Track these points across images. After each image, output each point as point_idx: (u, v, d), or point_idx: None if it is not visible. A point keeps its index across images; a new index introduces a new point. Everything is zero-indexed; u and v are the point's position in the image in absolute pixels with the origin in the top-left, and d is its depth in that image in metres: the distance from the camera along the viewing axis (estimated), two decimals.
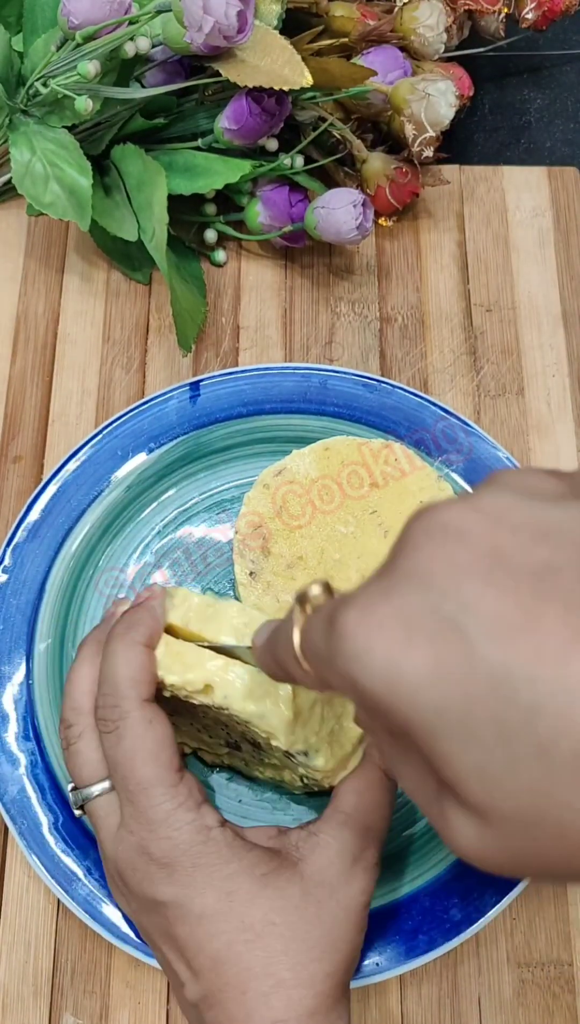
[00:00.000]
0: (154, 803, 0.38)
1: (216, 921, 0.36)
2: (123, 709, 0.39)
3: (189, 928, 0.37)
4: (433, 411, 0.54)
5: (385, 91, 0.58)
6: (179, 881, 0.37)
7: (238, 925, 0.36)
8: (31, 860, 0.45)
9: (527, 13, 0.62)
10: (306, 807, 0.47)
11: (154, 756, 0.38)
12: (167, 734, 0.39)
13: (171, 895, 0.37)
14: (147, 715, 0.39)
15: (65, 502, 0.52)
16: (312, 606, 0.31)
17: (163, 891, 0.37)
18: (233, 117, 0.55)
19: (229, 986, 0.36)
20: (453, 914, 0.45)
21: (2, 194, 0.62)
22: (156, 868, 0.37)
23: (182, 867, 0.37)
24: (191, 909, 0.37)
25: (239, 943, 0.36)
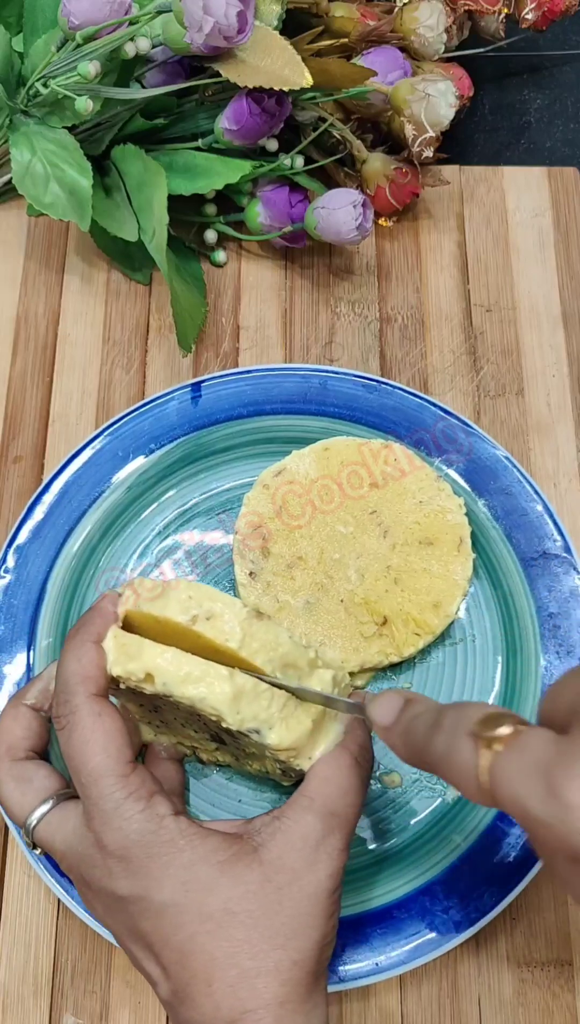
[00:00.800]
0: (104, 793, 0.38)
1: (177, 912, 0.36)
2: (73, 704, 0.39)
3: (153, 922, 0.37)
4: (433, 411, 0.54)
5: (385, 91, 0.58)
6: (136, 873, 0.37)
7: (198, 915, 0.36)
8: (32, 861, 0.45)
9: (527, 13, 0.62)
10: None
11: (103, 747, 0.38)
12: (116, 726, 0.39)
13: (130, 888, 0.37)
14: (96, 708, 0.39)
15: (66, 503, 0.52)
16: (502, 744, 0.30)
17: (121, 885, 0.37)
18: (233, 117, 0.55)
19: (196, 979, 0.35)
20: (453, 914, 0.45)
21: (2, 194, 0.62)
22: (113, 862, 0.37)
23: (137, 858, 0.37)
24: (151, 901, 0.37)
25: (202, 934, 0.36)
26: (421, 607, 0.50)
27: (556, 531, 0.52)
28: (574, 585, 0.51)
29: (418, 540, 0.51)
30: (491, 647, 0.51)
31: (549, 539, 0.51)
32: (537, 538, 0.52)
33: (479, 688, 0.50)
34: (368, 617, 0.50)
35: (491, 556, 0.52)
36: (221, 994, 0.35)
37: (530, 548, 0.51)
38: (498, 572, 0.52)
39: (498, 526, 0.52)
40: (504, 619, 0.51)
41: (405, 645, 0.49)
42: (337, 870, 0.38)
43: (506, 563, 0.51)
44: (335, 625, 0.49)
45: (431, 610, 0.50)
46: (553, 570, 0.51)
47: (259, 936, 0.36)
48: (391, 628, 0.49)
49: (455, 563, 0.51)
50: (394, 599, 0.50)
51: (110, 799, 0.38)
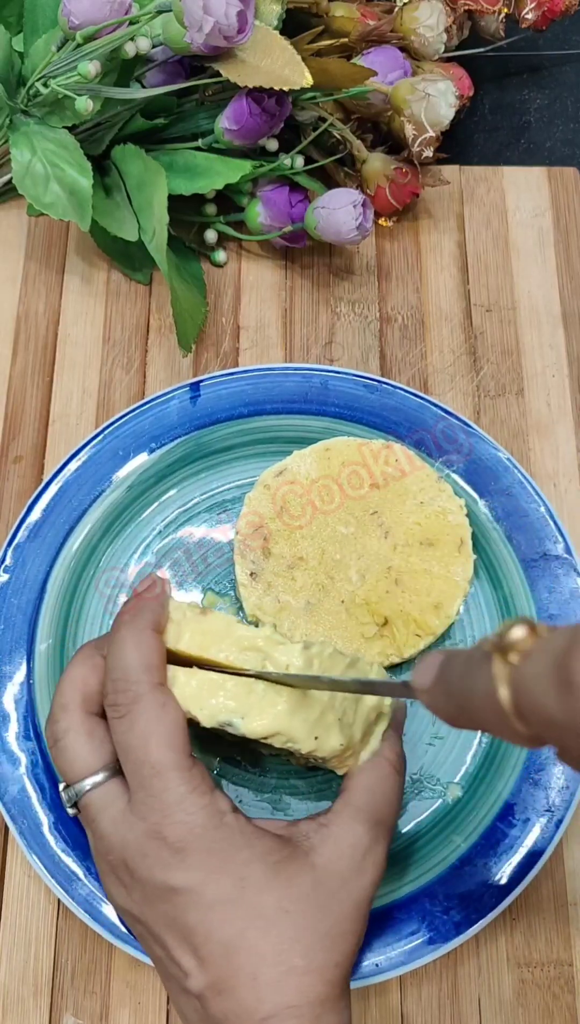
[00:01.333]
0: (169, 786, 0.37)
1: (229, 907, 0.36)
2: (136, 692, 0.39)
3: (200, 915, 0.37)
4: (433, 411, 0.54)
5: (385, 91, 0.58)
6: (193, 866, 0.37)
7: (251, 912, 0.36)
8: (31, 860, 0.45)
9: (527, 13, 0.62)
10: (306, 806, 0.48)
11: (168, 740, 0.38)
12: (180, 719, 0.39)
13: (185, 880, 0.37)
14: (160, 699, 0.39)
15: (66, 502, 0.52)
16: (518, 653, 0.27)
17: (177, 876, 0.37)
18: (233, 117, 0.55)
19: (241, 972, 0.36)
20: (453, 915, 0.45)
21: (2, 194, 0.62)
22: (169, 853, 0.37)
23: (196, 851, 0.37)
24: (204, 895, 0.37)
25: (252, 929, 0.36)
26: (422, 608, 0.50)
27: (557, 532, 0.52)
28: (575, 586, 0.51)
29: (419, 541, 0.51)
30: None
31: (550, 540, 0.52)
32: (538, 539, 0.52)
33: None
34: (369, 618, 0.50)
35: (492, 557, 0.52)
36: (266, 988, 0.36)
37: (531, 549, 0.51)
38: (499, 573, 0.52)
39: (499, 527, 0.52)
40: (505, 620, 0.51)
41: (406, 646, 0.49)
42: (378, 878, 0.39)
43: (507, 564, 0.51)
44: (336, 626, 0.49)
45: (432, 611, 0.50)
46: (554, 571, 0.51)
47: (309, 937, 0.36)
48: (392, 629, 0.49)
49: (456, 564, 0.51)
50: (395, 600, 0.50)
51: (174, 792, 0.37)
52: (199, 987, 0.36)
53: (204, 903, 0.37)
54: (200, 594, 0.52)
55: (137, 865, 0.38)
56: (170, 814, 0.37)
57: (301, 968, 0.36)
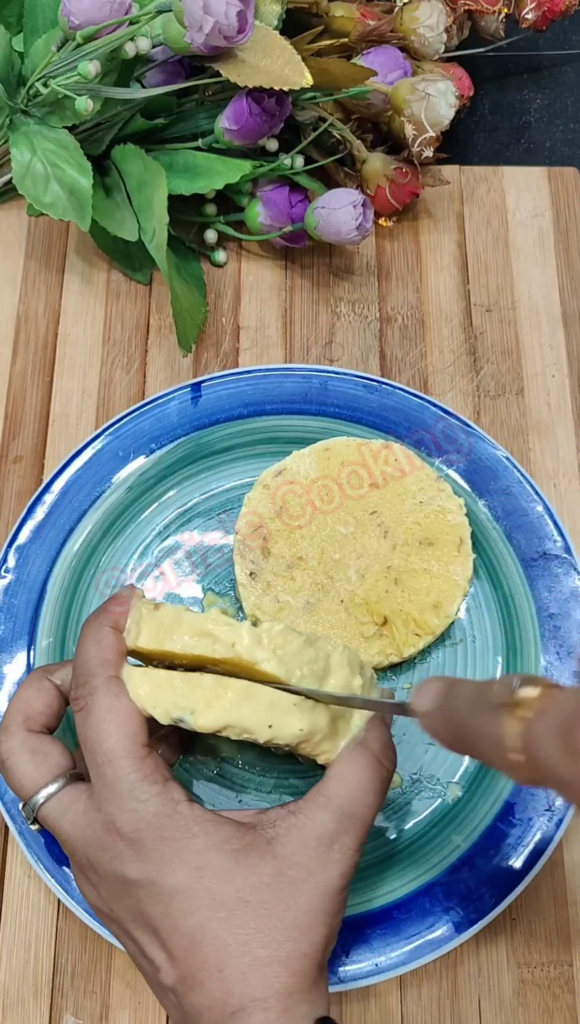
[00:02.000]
0: (120, 774, 0.38)
1: (189, 898, 0.36)
2: (92, 686, 0.39)
3: (163, 906, 0.36)
4: (433, 411, 0.55)
5: (385, 91, 0.58)
6: (148, 857, 0.37)
7: (211, 902, 0.36)
8: (31, 860, 0.45)
9: (527, 13, 0.62)
10: None
11: (120, 727, 0.38)
12: (133, 708, 0.39)
13: (141, 872, 0.37)
14: (113, 689, 0.39)
15: (67, 503, 0.52)
16: (530, 710, 0.29)
17: (133, 868, 0.37)
18: (233, 117, 0.55)
19: (206, 964, 0.36)
20: (453, 915, 0.45)
21: (2, 194, 0.62)
22: (124, 845, 0.37)
23: (149, 841, 0.37)
24: (162, 886, 0.36)
25: (214, 920, 0.36)
26: (421, 607, 0.50)
27: (556, 532, 0.52)
28: (574, 586, 0.51)
29: (418, 540, 0.51)
30: (491, 648, 0.51)
31: (549, 540, 0.52)
32: (537, 539, 0.52)
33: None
34: (368, 617, 0.50)
35: (491, 557, 0.52)
36: (232, 980, 0.35)
37: (530, 549, 0.51)
38: (498, 573, 0.52)
39: (498, 526, 0.52)
40: (504, 620, 0.51)
41: (405, 645, 0.49)
42: (349, 869, 0.38)
43: (506, 564, 0.51)
44: (335, 625, 0.49)
45: (431, 611, 0.50)
46: (553, 571, 0.51)
47: (272, 927, 0.36)
48: (391, 628, 0.49)
49: (455, 563, 0.51)
50: (394, 599, 0.50)
51: (125, 780, 0.38)
52: (171, 981, 0.36)
53: (164, 894, 0.36)
54: (200, 594, 0.52)
55: (98, 859, 0.38)
56: (121, 802, 0.37)
57: (264, 959, 0.36)
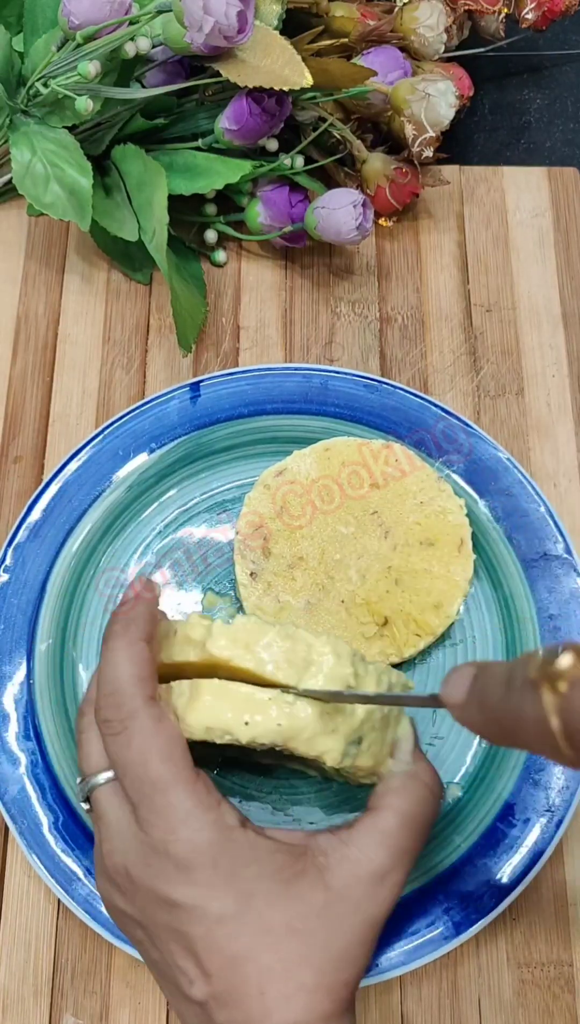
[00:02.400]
0: (173, 802, 0.36)
1: (235, 923, 0.36)
2: (130, 708, 0.38)
3: (205, 928, 0.36)
4: (433, 411, 0.54)
5: (385, 91, 0.58)
6: (198, 882, 0.36)
7: (257, 928, 0.35)
8: (31, 860, 0.45)
9: (527, 13, 0.62)
10: (305, 807, 0.47)
11: (168, 754, 0.37)
12: (177, 732, 0.38)
13: (188, 896, 0.36)
14: (155, 713, 0.38)
15: (66, 502, 0.52)
16: (567, 681, 0.28)
17: (180, 892, 0.36)
18: (233, 117, 0.55)
19: (247, 985, 0.35)
20: (453, 915, 0.45)
21: (2, 194, 0.62)
22: (173, 868, 0.36)
23: (202, 867, 0.36)
24: (208, 911, 0.36)
25: (259, 945, 0.35)
26: (422, 608, 0.50)
27: (557, 532, 0.52)
28: (575, 587, 0.51)
29: (419, 541, 0.51)
30: (491, 648, 0.51)
31: (550, 540, 0.52)
32: (538, 539, 0.52)
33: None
34: (369, 618, 0.50)
35: (492, 557, 0.52)
36: (274, 1003, 0.35)
37: (531, 549, 0.51)
38: (499, 573, 0.52)
39: (499, 527, 0.52)
40: (504, 620, 0.51)
41: (406, 646, 0.49)
42: (394, 901, 0.38)
43: (507, 564, 0.51)
44: (336, 626, 0.49)
45: (432, 611, 0.50)
46: (554, 571, 0.51)
47: (320, 956, 0.36)
48: (392, 629, 0.49)
49: (456, 564, 0.51)
50: (395, 600, 0.50)
51: (180, 808, 0.36)
52: (202, 995, 0.36)
53: (209, 918, 0.36)
54: (200, 594, 0.52)
55: (140, 874, 0.37)
56: (175, 831, 0.36)
57: (310, 986, 0.35)
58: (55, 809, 0.46)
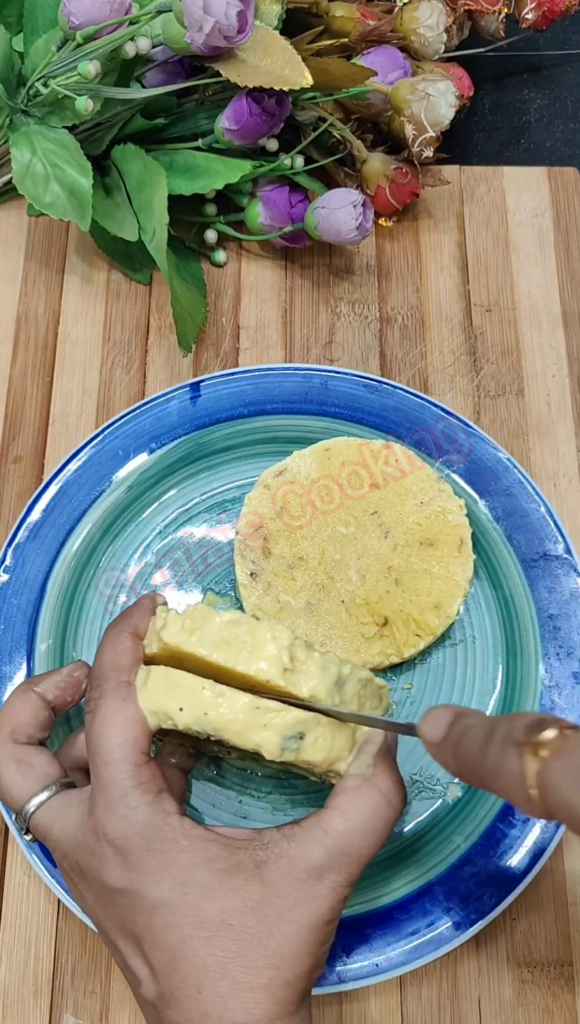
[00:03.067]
0: (115, 778, 0.38)
1: (172, 912, 0.36)
2: (102, 689, 0.40)
3: (145, 918, 0.36)
4: (433, 411, 0.54)
5: (385, 91, 0.58)
6: (133, 866, 0.37)
7: (193, 920, 0.36)
8: (32, 861, 0.45)
9: (527, 13, 0.62)
10: (304, 808, 0.47)
11: (121, 731, 0.38)
12: (139, 716, 0.39)
13: (125, 881, 0.37)
14: (122, 693, 0.39)
15: (66, 502, 0.52)
16: (549, 751, 0.31)
17: (117, 876, 0.37)
18: (233, 117, 0.55)
19: (186, 984, 0.35)
20: (453, 915, 0.45)
21: (2, 194, 0.62)
22: (111, 852, 0.37)
23: (136, 851, 0.37)
24: (145, 897, 0.36)
25: (196, 938, 0.36)
26: (422, 608, 0.50)
27: (557, 532, 0.52)
28: (575, 587, 0.51)
29: (419, 541, 0.51)
30: (491, 648, 0.51)
31: (550, 541, 0.52)
32: (538, 539, 0.52)
33: (479, 690, 0.50)
34: (369, 618, 0.50)
35: (492, 557, 0.52)
36: (211, 1003, 0.35)
37: (531, 549, 0.51)
38: (499, 573, 0.52)
39: (499, 527, 0.52)
40: (504, 621, 0.51)
41: (406, 646, 0.49)
42: (337, 904, 0.37)
43: (507, 564, 0.51)
44: (336, 626, 0.49)
45: (432, 611, 0.50)
46: (554, 571, 0.51)
47: (254, 952, 0.35)
48: (392, 629, 0.49)
49: (456, 564, 0.51)
50: (395, 600, 0.50)
51: (119, 785, 0.38)
52: (151, 996, 0.36)
53: (146, 905, 0.36)
54: (200, 594, 0.52)
55: (87, 865, 0.38)
56: (113, 808, 0.37)
57: (244, 984, 0.35)
58: None
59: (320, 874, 0.37)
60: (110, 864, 0.37)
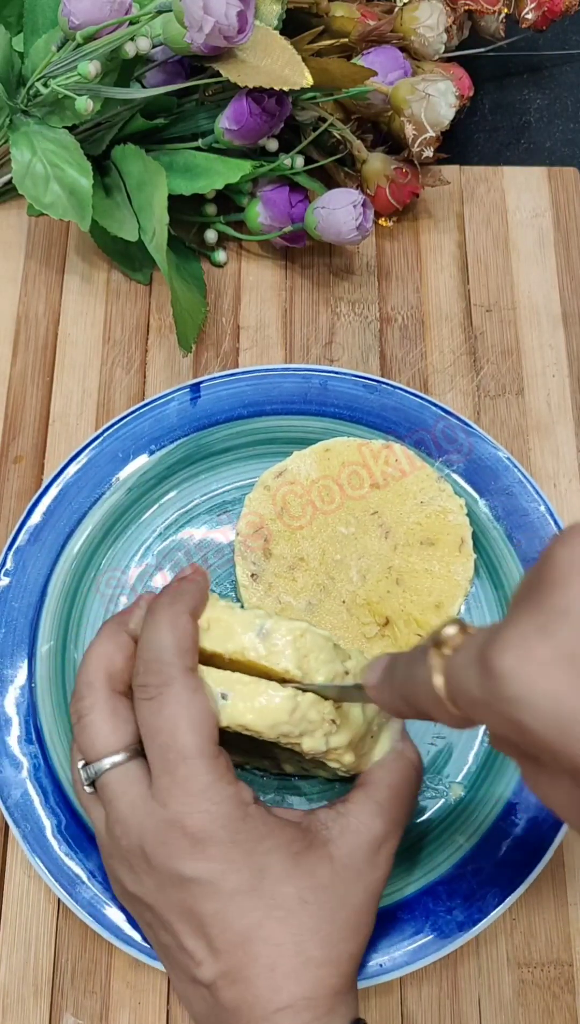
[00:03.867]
0: (195, 774, 0.37)
1: (248, 898, 0.36)
2: (168, 675, 0.38)
3: (218, 904, 0.36)
4: (433, 411, 0.55)
5: (385, 91, 0.58)
6: (214, 857, 0.36)
7: (270, 902, 0.36)
8: (35, 863, 0.45)
9: (527, 13, 0.62)
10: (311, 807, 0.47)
11: (197, 726, 0.37)
12: (209, 706, 0.38)
13: (204, 871, 0.36)
14: (192, 683, 0.38)
15: (66, 505, 0.52)
16: (451, 647, 0.31)
17: (196, 867, 0.36)
18: (233, 117, 0.55)
19: (257, 962, 0.36)
20: (456, 915, 0.45)
21: (2, 194, 0.62)
22: (189, 843, 0.36)
23: (218, 842, 0.36)
24: (222, 886, 0.36)
25: (271, 920, 0.36)
26: (423, 608, 0.50)
27: (557, 531, 0.52)
28: None
29: (419, 541, 0.51)
30: None
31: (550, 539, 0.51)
32: (538, 538, 0.52)
33: None
34: (370, 618, 0.50)
35: (492, 556, 0.52)
36: (284, 978, 0.36)
37: (531, 549, 0.51)
38: (500, 573, 0.52)
39: (499, 527, 0.52)
40: None
41: (407, 646, 0.49)
42: (388, 872, 0.40)
43: (507, 564, 0.51)
44: (337, 626, 0.49)
45: (433, 611, 0.50)
46: None
47: (328, 928, 0.37)
48: (393, 629, 0.49)
49: (457, 564, 0.51)
50: (396, 600, 0.50)
51: (200, 780, 0.37)
52: (210, 976, 0.36)
53: (223, 894, 0.36)
54: None
55: (154, 852, 0.37)
56: (194, 803, 0.37)
57: (318, 959, 0.36)
58: (58, 813, 0.46)
59: (379, 844, 0.39)
60: (186, 855, 0.37)
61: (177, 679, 0.38)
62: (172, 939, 0.38)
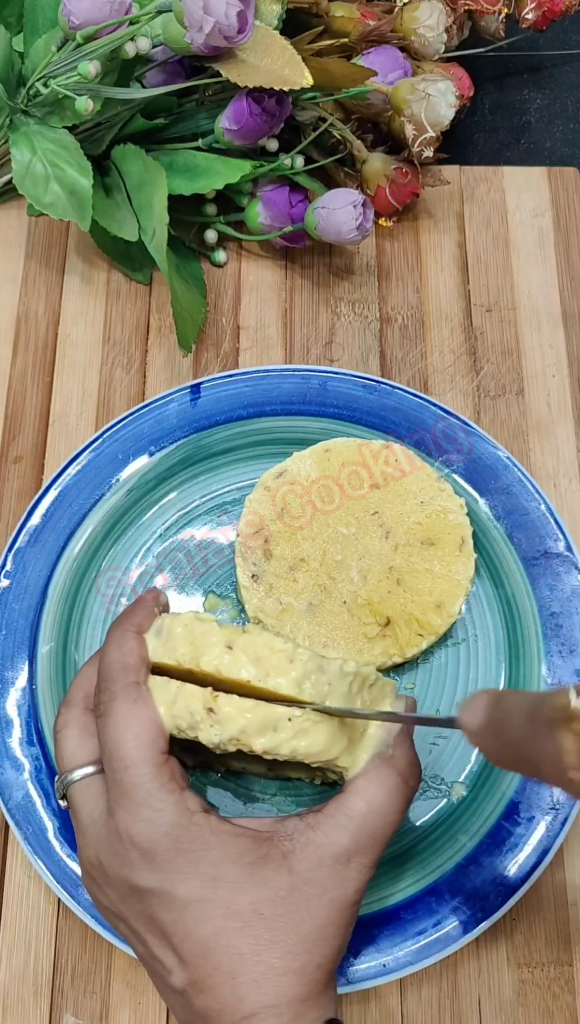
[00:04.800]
0: (137, 781, 0.37)
1: (202, 907, 0.36)
2: (112, 691, 0.39)
3: (175, 914, 0.36)
4: (433, 411, 0.55)
5: (385, 91, 0.58)
6: (161, 867, 0.37)
7: (225, 912, 0.36)
8: (36, 865, 0.45)
9: (527, 13, 0.62)
10: None
11: (137, 733, 0.38)
12: (152, 716, 0.39)
13: (153, 881, 0.37)
14: (132, 695, 0.39)
15: (66, 506, 0.52)
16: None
17: (144, 877, 0.37)
18: (233, 117, 0.55)
19: (219, 971, 0.36)
20: (459, 915, 0.45)
21: (2, 194, 0.62)
22: (137, 854, 0.37)
23: (164, 852, 0.37)
24: (175, 896, 0.36)
25: (229, 929, 0.36)
26: (424, 607, 0.50)
27: (558, 530, 0.52)
28: (576, 584, 0.51)
29: (420, 540, 0.51)
30: (493, 647, 0.51)
31: (551, 539, 0.52)
32: (539, 538, 0.52)
33: (482, 688, 0.50)
34: (371, 618, 0.50)
35: (493, 556, 0.52)
36: (245, 987, 0.35)
37: (531, 548, 0.51)
38: (500, 572, 0.52)
39: (499, 526, 0.52)
40: (506, 619, 0.51)
41: (408, 646, 0.49)
42: (363, 884, 0.38)
43: (508, 563, 0.51)
44: (338, 627, 0.49)
45: (434, 610, 0.50)
46: (555, 569, 0.51)
47: (286, 939, 0.36)
48: (394, 629, 0.49)
49: (457, 563, 0.51)
50: (397, 600, 0.50)
51: (142, 788, 0.37)
52: (181, 984, 0.36)
53: (177, 903, 0.36)
54: (201, 596, 0.52)
55: (109, 863, 0.38)
56: (137, 811, 0.37)
57: (279, 969, 0.36)
58: (59, 814, 0.46)
59: (347, 858, 0.38)
60: (136, 865, 0.37)
61: (119, 693, 0.39)
62: (144, 949, 0.38)
